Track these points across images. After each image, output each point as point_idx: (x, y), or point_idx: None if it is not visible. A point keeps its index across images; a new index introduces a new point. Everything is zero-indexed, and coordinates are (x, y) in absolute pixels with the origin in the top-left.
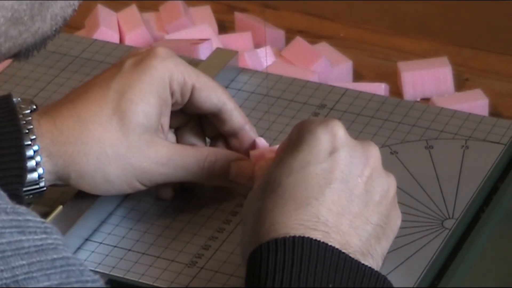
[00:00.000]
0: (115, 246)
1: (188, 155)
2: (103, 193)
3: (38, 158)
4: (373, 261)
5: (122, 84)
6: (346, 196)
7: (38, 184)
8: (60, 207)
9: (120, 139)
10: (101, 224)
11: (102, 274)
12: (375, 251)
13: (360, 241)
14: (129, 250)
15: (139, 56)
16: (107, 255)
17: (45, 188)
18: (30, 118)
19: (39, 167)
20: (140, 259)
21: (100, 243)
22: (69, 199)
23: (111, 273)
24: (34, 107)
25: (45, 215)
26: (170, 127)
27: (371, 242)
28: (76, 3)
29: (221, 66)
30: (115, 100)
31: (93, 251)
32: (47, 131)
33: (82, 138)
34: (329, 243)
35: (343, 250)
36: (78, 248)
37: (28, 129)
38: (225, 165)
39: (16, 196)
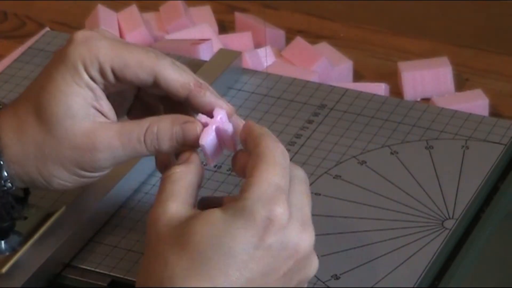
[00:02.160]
0: (115, 246)
1: (126, 133)
2: (59, 188)
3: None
4: None
5: (44, 77)
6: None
7: (4, 185)
8: (63, 207)
9: (48, 134)
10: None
11: (103, 274)
12: None
13: None
14: (129, 250)
15: (65, 45)
16: (107, 255)
17: (13, 187)
18: None
19: (1, 170)
20: (140, 259)
21: (101, 243)
22: (72, 199)
23: (111, 273)
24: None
25: (48, 215)
26: (142, 112)
27: None
28: None
29: (224, 66)
30: (38, 95)
31: (93, 251)
32: None
33: (20, 139)
34: None
35: None
36: (81, 249)
37: None
38: (169, 131)
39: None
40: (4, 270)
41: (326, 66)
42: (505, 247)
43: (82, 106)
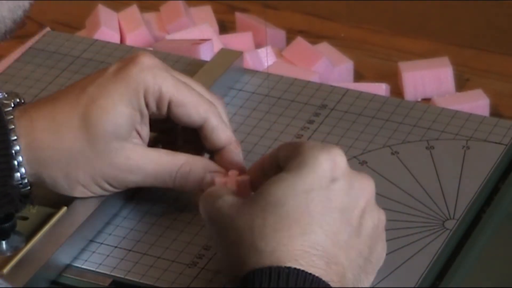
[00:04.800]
0: (116, 247)
1: (161, 164)
2: (79, 195)
3: (19, 158)
4: None
5: (97, 90)
6: (345, 227)
7: (21, 182)
8: (64, 208)
9: (89, 146)
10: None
11: (103, 275)
12: (363, 285)
13: (353, 274)
14: (130, 250)
15: (123, 63)
16: (108, 256)
17: (29, 187)
18: (12, 117)
19: (21, 167)
20: (141, 260)
21: (101, 243)
22: (73, 200)
23: (112, 273)
24: (18, 100)
25: (49, 216)
26: (157, 131)
27: (361, 277)
28: (27, 3)
29: (226, 66)
30: (87, 106)
31: (94, 252)
32: (24, 134)
33: (54, 143)
34: (329, 274)
35: (341, 283)
36: (81, 249)
37: (9, 129)
38: (200, 175)
39: (7, 194)
40: (5, 270)
41: (327, 66)
42: (506, 248)
43: (128, 128)
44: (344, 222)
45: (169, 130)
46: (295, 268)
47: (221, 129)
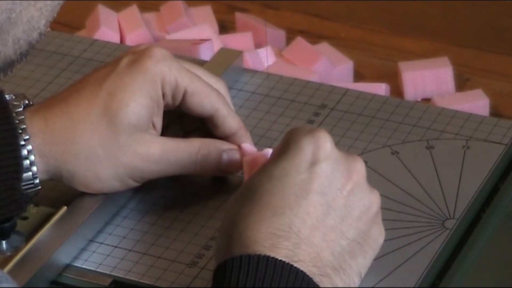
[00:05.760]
0: (116, 247)
1: (181, 150)
2: (94, 191)
3: (32, 158)
4: (346, 277)
5: (114, 84)
6: (323, 209)
7: (32, 182)
8: (65, 208)
9: (111, 139)
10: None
11: (103, 275)
12: (349, 266)
13: (332, 255)
14: (130, 250)
15: (135, 56)
16: (108, 255)
17: (40, 187)
18: (23, 117)
19: (33, 165)
20: (141, 259)
21: (101, 243)
22: (73, 200)
23: (112, 273)
24: (27, 102)
25: (49, 216)
26: (164, 122)
27: (345, 258)
28: (42, 27)
29: (225, 66)
30: (106, 100)
31: (94, 252)
32: (39, 131)
33: (73, 138)
34: (298, 255)
35: (313, 263)
36: (82, 249)
37: (21, 129)
38: (217, 156)
39: (14, 194)
40: (5, 270)
41: (327, 66)
42: (506, 247)
43: (147, 118)
44: (323, 204)
45: (173, 121)
46: (256, 255)
47: (231, 117)
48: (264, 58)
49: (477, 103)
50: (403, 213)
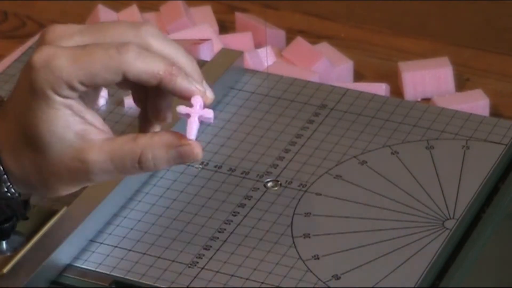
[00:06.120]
0: (115, 246)
1: (119, 157)
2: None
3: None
4: None
5: (21, 100)
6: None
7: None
8: (64, 208)
9: (43, 159)
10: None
11: (103, 275)
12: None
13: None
14: (130, 250)
15: (26, 66)
16: (107, 255)
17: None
18: None
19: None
20: (140, 259)
21: (101, 243)
22: (73, 200)
23: (111, 273)
24: None
25: (49, 216)
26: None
27: None
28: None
29: (226, 66)
30: (23, 120)
31: (93, 251)
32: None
33: (19, 162)
34: None
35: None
36: (82, 249)
37: None
38: (165, 156)
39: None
40: (5, 270)
41: (327, 66)
42: (506, 248)
43: (66, 128)
44: None
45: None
46: None
47: (142, 70)
48: (264, 58)
49: (477, 103)
50: (402, 213)
